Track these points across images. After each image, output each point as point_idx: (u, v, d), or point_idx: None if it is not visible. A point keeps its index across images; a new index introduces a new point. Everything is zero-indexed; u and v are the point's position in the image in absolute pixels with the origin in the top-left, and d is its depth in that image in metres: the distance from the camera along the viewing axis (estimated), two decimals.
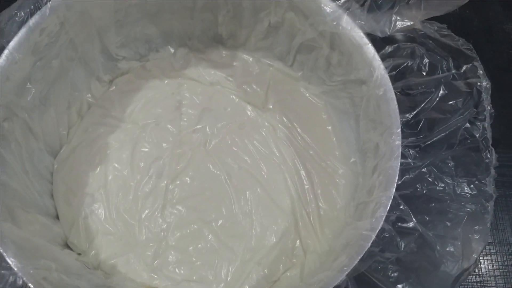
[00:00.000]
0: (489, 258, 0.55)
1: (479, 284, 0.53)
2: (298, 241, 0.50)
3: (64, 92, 0.52)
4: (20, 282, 0.35)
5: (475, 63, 0.44)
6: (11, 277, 0.35)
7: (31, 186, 0.47)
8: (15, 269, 0.35)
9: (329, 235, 0.49)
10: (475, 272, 0.54)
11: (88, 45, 0.51)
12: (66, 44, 0.48)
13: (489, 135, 0.42)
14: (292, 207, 0.51)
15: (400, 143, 0.41)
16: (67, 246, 0.49)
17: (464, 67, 0.45)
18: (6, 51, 0.42)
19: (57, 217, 0.50)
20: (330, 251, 0.46)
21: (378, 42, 0.46)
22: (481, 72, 0.42)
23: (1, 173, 0.42)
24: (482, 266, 0.54)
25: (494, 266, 0.55)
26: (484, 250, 0.55)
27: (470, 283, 0.53)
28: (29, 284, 0.35)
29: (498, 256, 0.55)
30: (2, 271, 0.35)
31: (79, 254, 0.48)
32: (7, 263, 0.36)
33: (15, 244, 0.37)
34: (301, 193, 0.52)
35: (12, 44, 0.42)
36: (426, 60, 0.45)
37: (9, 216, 0.40)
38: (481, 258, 0.55)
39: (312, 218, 0.50)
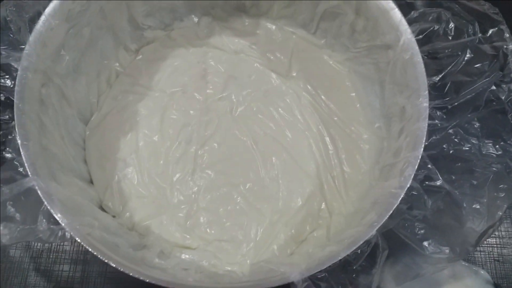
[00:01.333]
0: (509, 221, 0.56)
1: (499, 245, 0.55)
2: (323, 203, 0.51)
3: (94, 60, 0.53)
4: (68, 236, 0.37)
5: (501, 27, 0.44)
6: (59, 232, 0.37)
7: (67, 151, 0.48)
8: (63, 224, 0.37)
9: (353, 197, 0.51)
10: (495, 234, 0.55)
11: (117, 13, 0.52)
12: (96, 12, 0.49)
13: None
14: (317, 171, 0.53)
15: (428, 105, 0.42)
16: (101, 209, 0.51)
17: (490, 31, 0.45)
18: (43, 17, 0.43)
19: (91, 182, 0.52)
20: (356, 212, 0.48)
21: (404, 8, 0.46)
22: (507, 35, 0.43)
23: (42, 137, 0.43)
24: (502, 228, 0.56)
25: None
26: (504, 213, 0.56)
27: (490, 245, 0.55)
28: (76, 238, 0.37)
29: None
30: (52, 226, 0.37)
31: (114, 216, 0.50)
32: (55, 219, 0.37)
33: (61, 202, 0.39)
34: (326, 158, 0.53)
35: (48, 10, 0.43)
36: (452, 25, 0.46)
37: (52, 178, 0.42)
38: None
39: (337, 182, 0.52)
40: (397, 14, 0.45)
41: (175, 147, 0.53)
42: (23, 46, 0.42)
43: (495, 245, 0.55)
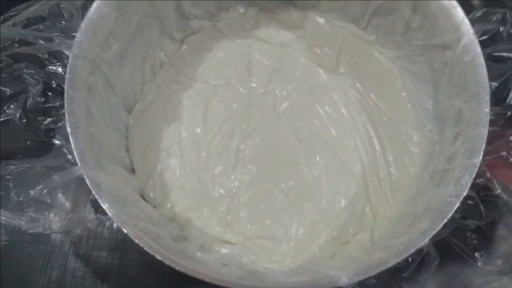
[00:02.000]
0: None
1: None
2: (368, 206, 0.50)
3: (140, 49, 0.53)
4: (115, 227, 0.37)
5: None
6: (107, 222, 0.37)
7: (111, 139, 0.48)
8: (110, 214, 0.37)
9: (400, 201, 0.49)
10: None
11: (165, 1, 0.51)
12: (145, 0, 0.48)
13: None
14: (363, 172, 0.51)
15: (489, 110, 0.40)
16: (143, 198, 0.51)
17: None
18: (95, 5, 0.43)
19: (133, 171, 0.52)
20: (402, 217, 0.46)
21: (465, 7, 0.44)
22: None
23: (89, 125, 0.43)
24: None
25: None
26: None
27: None
28: (123, 229, 0.37)
29: None
30: (100, 216, 0.37)
31: (154, 207, 0.50)
32: (102, 209, 0.37)
33: (108, 192, 0.39)
34: (372, 158, 0.51)
35: None
36: None
37: (98, 166, 0.42)
38: None
39: (383, 184, 0.50)
40: (459, 13, 0.43)
41: (217, 140, 0.52)
42: (75, 34, 0.42)
43: None
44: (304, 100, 0.54)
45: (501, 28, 0.43)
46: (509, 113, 0.42)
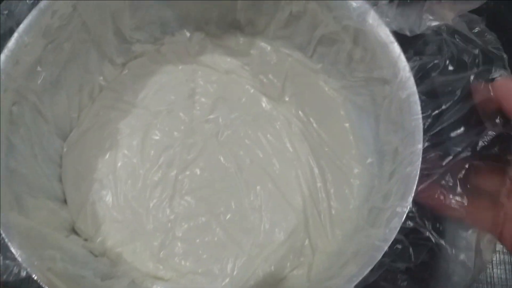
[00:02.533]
0: (503, 267, 0.53)
1: None
2: (307, 240, 0.49)
3: (76, 74, 0.51)
4: (24, 274, 0.35)
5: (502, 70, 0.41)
6: (15, 268, 0.35)
7: (39, 170, 0.46)
8: (20, 260, 0.35)
9: (339, 236, 0.48)
10: (487, 281, 0.53)
11: (101, 27, 0.49)
12: (78, 27, 0.46)
13: None
14: (303, 205, 0.50)
15: (421, 150, 0.39)
16: (74, 231, 0.49)
17: (492, 67, 0.42)
18: (16, 34, 0.41)
19: (65, 202, 0.50)
20: (340, 253, 0.45)
21: (403, 36, 0.43)
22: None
23: (9, 160, 0.41)
24: (495, 275, 0.53)
25: (508, 276, 0.53)
26: (497, 259, 0.54)
27: None
28: (33, 276, 0.35)
29: None
30: (7, 261, 0.35)
31: (86, 240, 0.48)
32: (12, 253, 0.35)
33: (21, 235, 0.37)
34: (313, 191, 0.50)
35: (22, 26, 0.41)
36: (453, 56, 0.42)
37: (16, 204, 0.40)
38: (494, 267, 0.53)
39: (323, 217, 0.49)
40: (396, 48, 0.42)
41: (154, 170, 0.50)
42: None
43: None
44: (247, 129, 0.53)
45: (436, 61, 0.42)
46: (442, 152, 0.41)
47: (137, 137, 0.52)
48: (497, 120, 0.39)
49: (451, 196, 0.40)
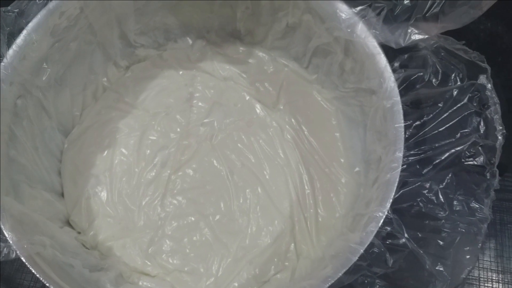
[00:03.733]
0: (490, 285, 0.53)
1: None
2: (292, 244, 0.50)
3: (81, 74, 0.53)
4: (13, 255, 0.37)
5: (484, 81, 0.42)
6: (5, 249, 0.37)
7: (39, 162, 0.48)
8: (10, 242, 0.37)
9: (324, 242, 0.49)
10: None
11: (107, 30, 0.52)
12: (84, 28, 0.49)
13: (497, 156, 0.41)
14: (291, 210, 0.51)
15: (401, 156, 0.40)
16: (68, 224, 0.51)
17: (476, 81, 0.43)
18: (24, 32, 0.44)
19: (62, 195, 0.52)
20: (323, 259, 0.46)
21: (390, 50, 0.45)
22: (488, 91, 0.41)
23: (10, 149, 0.43)
24: None
25: None
26: (486, 276, 0.53)
27: None
28: (22, 258, 0.37)
29: (500, 285, 0.53)
30: None
31: (79, 232, 0.50)
32: (4, 235, 0.37)
33: (14, 218, 0.38)
34: (301, 197, 0.51)
35: (31, 25, 0.44)
36: (437, 70, 0.44)
37: (12, 191, 0.42)
38: (482, 284, 0.53)
39: (309, 224, 0.50)
40: (382, 59, 0.44)
41: (149, 169, 0.52)
42: (1, 58, 0.42)
43: None
44: (240, 134, 0.55)
45: (421, 73, 0.44)
46: (423, 159, 0.42)
47: (134, 136, 0.54)
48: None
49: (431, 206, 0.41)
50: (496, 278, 0.54)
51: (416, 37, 0.42)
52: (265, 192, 0.52)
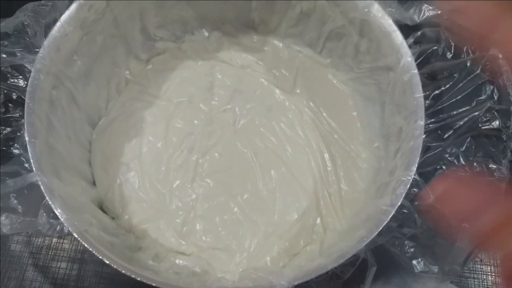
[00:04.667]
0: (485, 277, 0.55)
1: (493, 273, 0.54)
2: (319, 219, 0.52)
3: (105, 67, 0.55)
4: (66, 231, 0.39)
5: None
6: (58, 226, 0.39)
7: (72, 152, 0.50)
8: (62, 219, 0.39)
9: (349, 215, 0.52)
10: (489, 262, 0.55)
11: (130, 24, 0.54)
12: (110, 22, 0.51)
13: None
14: (315, 187, 0.53)
15: (423, 123, 0.43)
16: (102, 210, 0.52)
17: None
18: (58, 24, 0.46)
19: (94, 184, 0.54)
20: (350, 229, 0.48)
21: (404, 28, 0.48)
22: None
23: (49, 136, 0.45)
24: (498, 257, 0.55)
25: None
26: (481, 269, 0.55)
27: (484, 272, 0.54)
28: (74, 234, 0.39)
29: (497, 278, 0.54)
30: (51, 220, 0.38)
31: (113, 218, 0.52)
32: (55, 214, 0.39)
33: (62, 199, 0.40)
34: (324, 174, 0.54)
35: (63, 17, 0.46)
36: (450, 44, 0.47)
37: (55, 175, 0.44)
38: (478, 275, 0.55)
39: (333, 198, 0.53)
40: (398, 36, 0.47)
41: (177, 154, 0.54)
42: (38, 50, 0.44)
43: (489, 273, 0.54)
44: (262, 118, 0.57)
45: (435, 47, 0.47)
46: (443, 126, 0.45)
47: (160, 125, 0.56)
48: None
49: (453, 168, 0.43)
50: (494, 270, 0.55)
51: (430, 13, 0.45)
52: (289, 171, 0.54)
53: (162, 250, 0.50)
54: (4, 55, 0.43)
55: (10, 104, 0.44)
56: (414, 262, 0.42)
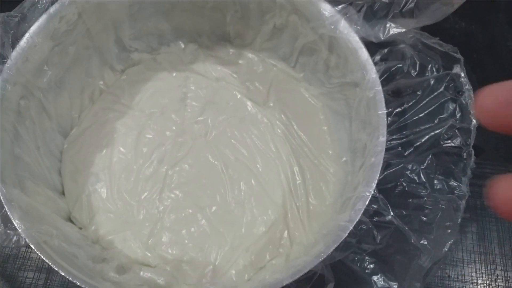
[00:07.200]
0: (473, 266, 0.56)
1: None
2: (286, 232, 0.52)
3: (79, 77, 0.56)
4: (23, 242, 0.39)
5: (458, 70, 0.46)
6: (15, 237, 0.39)
7: (41, 161, 0.50)
8: (19, 230, 0.39)
9: (316, 228, 0.52)
10: (457, 278, 0.55)
11: (103, 35, 0.55)
12: (82, 33, 0.52)
13: (472, 137, 0.44)
14: (283, 200, 0.54)
15: (385, 140, 0.44)
16: (69, 220, 0.52)
17: (451, 71, 0.47)
18: (27, 35, 0.46)
19: (63, 193, 0.54)
20: (315, 243, 0.49)
21: (371, 45, 0.48)
22: (462, 78, 0.45)
23: (15, 146, 0.45)
24: (466, 273, 0.56)
25: (477, 274, 0.56)
26: (468, 258, 0.56)
27: None
28: (31, 245, 0.39)
29: (482, 265, 0.56)
30: (8, 231, 0.38)
31: (80, 228, 0.52)
32: (13, 224, 0.39)
33: (21, 209, 0.40)
34: (293, 187, 0.54)
35: (33, 28, 0.46)
36: (415, 62, 0.47)
37: (18, 185, 0.44)
38: (465, 264, 0.56)
39: (301, 212, 0.53)
40: (364, 53, 0.47)
41: (147, 165, 0.55)
42: (5, 60, 0.45)
43: None
44: (233, 130, 0.57)
45: (400, 64, 0.47)
46: (405, 143, 0.45)
47: (132, 135, 0.56)
48: None
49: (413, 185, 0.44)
50: (479, 259, 0.57)
51: (395, 31, 0.46)
52: (259, 183, 0.54)
53: (127, 262, 0.50)
54: None
55: None
56: (374, 278, 0.42)
